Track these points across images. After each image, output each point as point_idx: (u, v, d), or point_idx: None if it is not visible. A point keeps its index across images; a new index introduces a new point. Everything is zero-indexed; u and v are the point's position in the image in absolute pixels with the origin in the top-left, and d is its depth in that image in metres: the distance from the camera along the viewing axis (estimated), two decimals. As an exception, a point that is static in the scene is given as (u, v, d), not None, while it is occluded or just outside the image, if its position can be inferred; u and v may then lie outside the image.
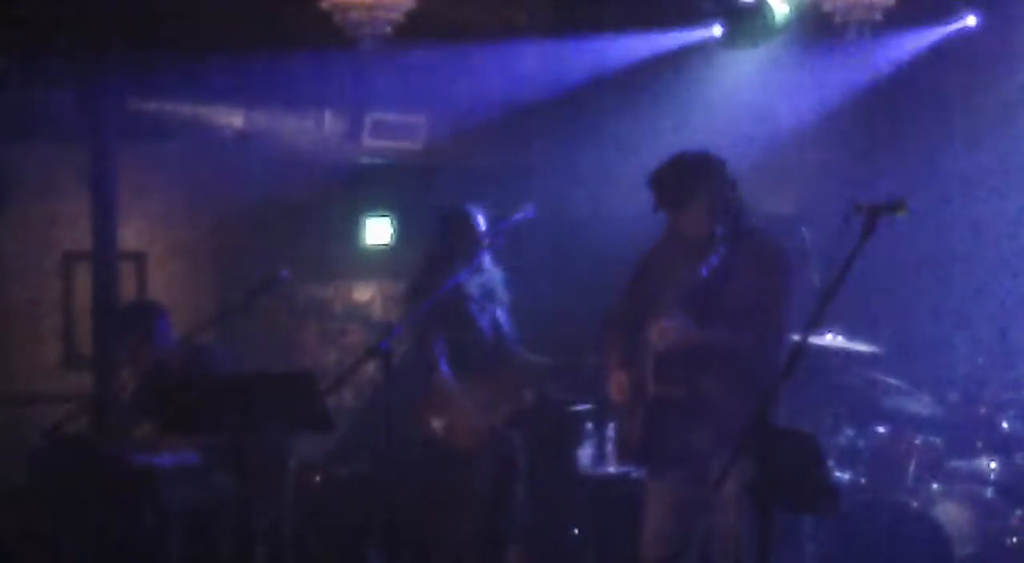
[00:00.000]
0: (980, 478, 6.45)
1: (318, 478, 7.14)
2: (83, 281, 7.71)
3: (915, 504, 6.23)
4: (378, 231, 8.99)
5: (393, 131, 8.34)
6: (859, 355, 6.70)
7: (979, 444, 6.51)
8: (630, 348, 5.01)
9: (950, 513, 6.24)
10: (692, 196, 4.94)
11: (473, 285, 6.20)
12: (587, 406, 7.21)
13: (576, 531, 7.04)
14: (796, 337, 4.55)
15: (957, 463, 6.53)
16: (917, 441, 6.48)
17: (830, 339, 6.60)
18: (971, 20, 7.41)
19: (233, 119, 7.77)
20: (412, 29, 6.16)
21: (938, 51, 7.54)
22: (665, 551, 4.98)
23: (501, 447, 6.18)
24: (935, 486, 6.37)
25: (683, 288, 4.86)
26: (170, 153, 8.02)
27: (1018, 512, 6.31)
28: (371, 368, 5.22)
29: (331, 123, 8.14)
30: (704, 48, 7.80)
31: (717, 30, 7.70)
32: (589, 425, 7.25)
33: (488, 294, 6.29)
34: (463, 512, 6.15)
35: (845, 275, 4.10)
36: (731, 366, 4.83)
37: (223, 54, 7.14)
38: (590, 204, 8.20)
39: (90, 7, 6.77)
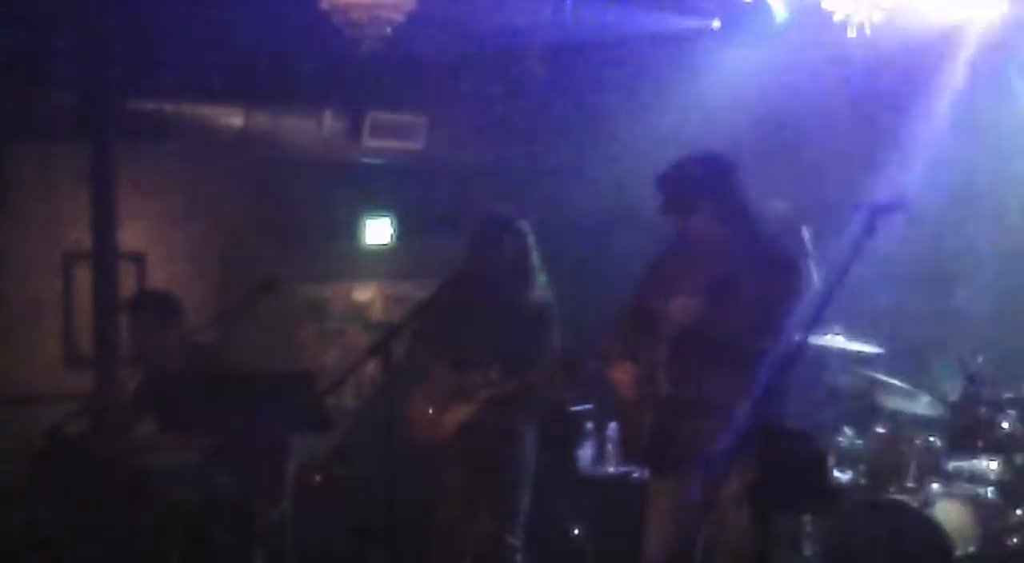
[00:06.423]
0: (980, 478, 6.45)
1: (318, 478, 7.14)
2: (83, 281, 7.69)
3: (915, 504, 6.23)
4: (378, 231, 8.99)
5: (393, 131, 8.33)
6: (859, 355, 6.71)
7: (979, 444, 6.52)
8: (635, 349, 5.01)
9: (950, 513, 6.24)
10: (699, 205, 4.94)
11: None
12: (587, 406, 7.22)
13: (576, 531, 7.05)
14: (796, 337, 4.56)
15: (957, 463, 6.53)
16: (917, 441, 6.49)
17: (830, 339, 6.61)
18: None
19: (233, 119, 7.76)
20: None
21: (938, 49, 7.53)
22: (669, 551, 4.98)
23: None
24: (935, 486, 6.37)
25: (698, 283, 4.86)
26: (170, 153, 8.01)
27: (1018, 512, 6.32)
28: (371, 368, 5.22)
29: (331, 123, 8.12)
30: (704, 47, 7.80)
31: (716, 23, 7.70)
32: (589, 425, 7.25)
33: None
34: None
35: (845, 275, 4.10)
36: (740, 367, 4.81)
37: (223, 54, 7.13)
38: (590, 204, 8.19)
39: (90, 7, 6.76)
